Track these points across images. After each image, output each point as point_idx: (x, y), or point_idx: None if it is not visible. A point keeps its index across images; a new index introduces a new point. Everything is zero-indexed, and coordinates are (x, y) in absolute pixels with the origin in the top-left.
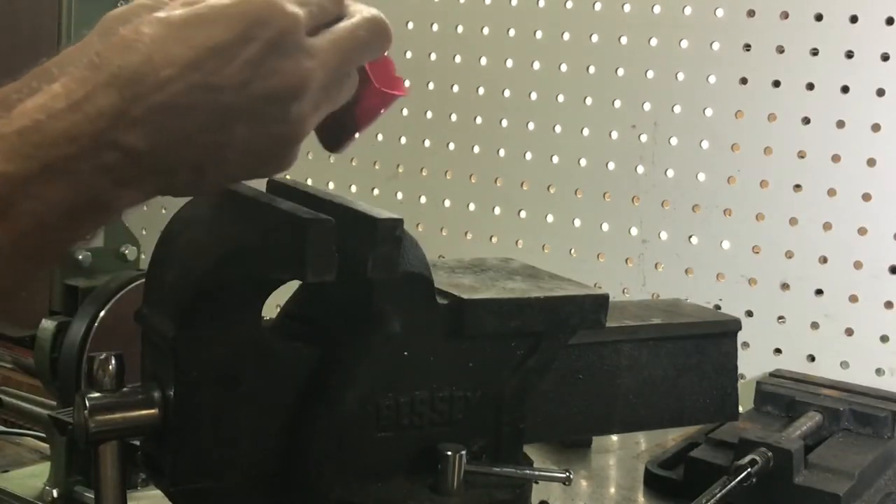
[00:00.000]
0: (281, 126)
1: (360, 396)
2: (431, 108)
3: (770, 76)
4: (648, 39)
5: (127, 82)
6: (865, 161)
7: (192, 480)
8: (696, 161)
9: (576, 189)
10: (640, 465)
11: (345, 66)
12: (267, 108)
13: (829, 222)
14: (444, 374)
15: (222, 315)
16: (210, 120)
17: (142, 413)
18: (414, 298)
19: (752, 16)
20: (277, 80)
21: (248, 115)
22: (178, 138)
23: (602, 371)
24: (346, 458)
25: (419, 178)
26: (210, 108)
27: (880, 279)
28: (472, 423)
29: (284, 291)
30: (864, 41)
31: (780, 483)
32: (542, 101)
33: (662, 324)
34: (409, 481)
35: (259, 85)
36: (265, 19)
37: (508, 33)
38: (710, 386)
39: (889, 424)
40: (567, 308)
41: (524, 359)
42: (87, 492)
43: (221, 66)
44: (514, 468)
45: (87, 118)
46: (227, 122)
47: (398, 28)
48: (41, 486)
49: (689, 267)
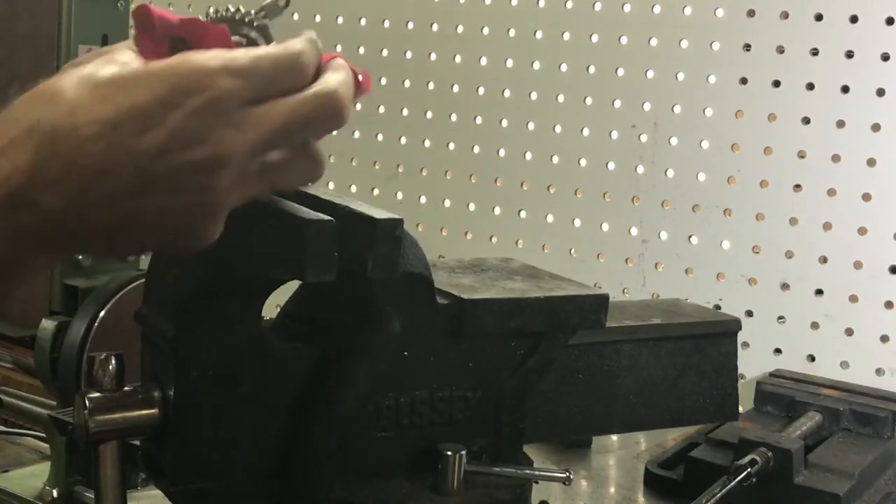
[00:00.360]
0: (200, 197)
1: (360, 396)
2: (431, 108)
3: (770, 76)
4: (648, 39)
5: (45, 137)
6: (865, 161)
7: (192, 480)
8: (696, 161)
9: (576, 189)
10: (640, 465)
11: (281, 143)
12: (187, 177)
13: (829, 222)
14: (444, 374)
15: (222, 315)
16: (127, 184)
17: (142, 413)
18: (414, 298)
19: (752, 16)
20: (199, 150)
21: (166, 183)
22: (94, 201)
23: (602, 371)
24: (346, 458)
25: (419, 178)
26: (128, 172)
27: (880, 279)
28: (472, 423)
29: (284, 291)
30: (864, 41)
31: (780, 483)
32: (542, 101)
33: (662, 324)
34: (409, 481)
35: (179, 154)
36: (194, 86)
37: (508, 33)
38: (710, 386)
39: (889, 424)
40: (567, 308)
41: (524, 359)
42: (87, 492)
43: (142, 130)
44: (514, 468)
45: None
46: (144, 188)
47: (398, 28)
48: (41, 486)
49: (689, 267)
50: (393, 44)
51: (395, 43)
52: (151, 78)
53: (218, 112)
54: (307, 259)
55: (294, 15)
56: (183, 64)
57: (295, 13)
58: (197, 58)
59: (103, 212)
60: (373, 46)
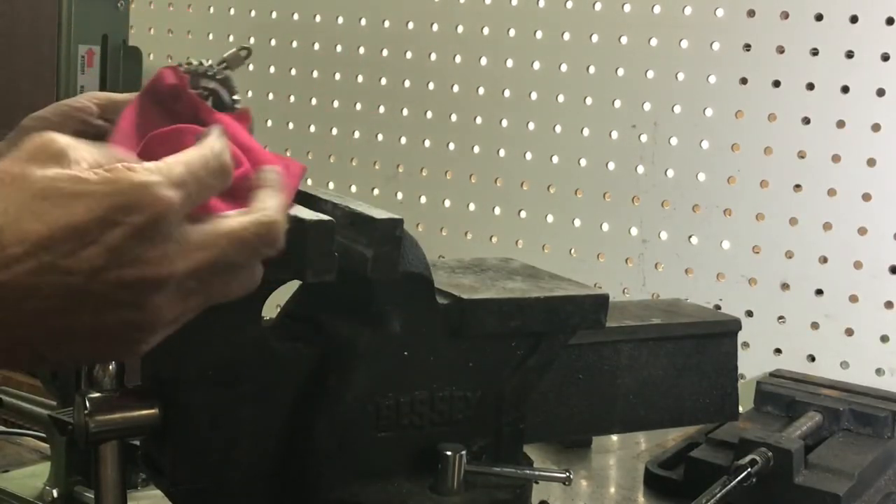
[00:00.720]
0: (135, 314)
1: (360, 396)
2: (431, 108)
3: (770, 76)
4: (648, 39)
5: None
6: (865, 161)
7: (192, 480)
8: (696, 161)
9: (576, 189)
10: (640, 465)
11: (220, 266)
12: (121, 295)
13: (829, 222)
14: (444, 374)
15: (222, 315)
16: (56, 304)
17: (142, 413)
18: (414, 298)
19: (752, 16)
20: (137, 270)
21: (99, 301)
22: (19, 319)
23: (602, 371)
24: (346, 458)
25: (419, 178)
26: (58, 292)
27: (880, 279)
28: (472, 423)
29: (284, 291)
30: (864, 41)
31: (780, 483)
32: (542, 101)
33: (662, 324)
34: (409, 481)
35: (115, 272)
36: (133, 204)
37: (508, 33)
38: (710, 386)
39: (889, 424)
40: (567, 308)
41: (524, 359)
42: (87, 492)
43: (77, 248)
44: (514, 468)
45: None
46: (74, 307)
47: (398, 28)
48: (41, 486)
49: (689, 267)
50: (393, 44)
51: (395, 43)
52: (88, 194)
53: (159, 230)
54: (307, 259)
55: (294, 15)
56: (123, 179)
57: (295, 13)
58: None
59: (30, 330)
60: (373, 46)
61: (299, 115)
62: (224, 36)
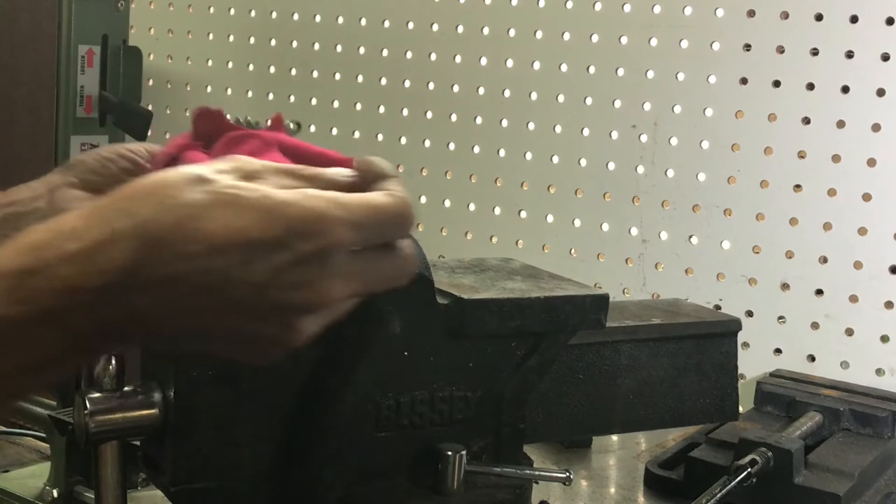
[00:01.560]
0: (279, 331)
1: (360, 396)
2: (431, 108)
3: (770, 76)
4: (648, 39)
5: (150, 241)
6: (865, 161)
7: (192, 480)
8: (696, 161)
9: (576, 189)
10: (640, 465)
11: (362, 295)
12: (272, 313)
13: (829, 222)
14: (444, 374)
15: None
16: (216, 306)
17: (142, 413)
18: (414, 298)
19: (752, 16)
20: (295, 294)
21: (250, 314)
22: (182, 311)
23: (602, 371)
24: (346, 458)
25: (419, 178)
26: (220, 296)
27: (880, 279)
28: (472, 423)
29: None
30: (864, 41)
31: (780, 483)
32: (542, 101)
33: (662, 324)
34: (409, 481)
35: (274, 292)
36: (310, 232)
37: (508, 33)
38: (710, 386)
39: (889, 424)
40: (567, 308)
41: (524, 359)
42: (87, 492)
43: (247, 262)
44: (514, 468)
45: (97, 269)
46: (226, 312)
47: (398, 28)
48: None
49: (689, 267)
50: (393, 44)
51: (395, 43)
52: (269, 213)
53: (325, 261)
54: None
55: (294, 15)
56: (309, 206)
57: (295, 13)
58: (317, 202)
59: (187, 322)
60: (373, 46)
61: (299, 116)
62: (224, 36)
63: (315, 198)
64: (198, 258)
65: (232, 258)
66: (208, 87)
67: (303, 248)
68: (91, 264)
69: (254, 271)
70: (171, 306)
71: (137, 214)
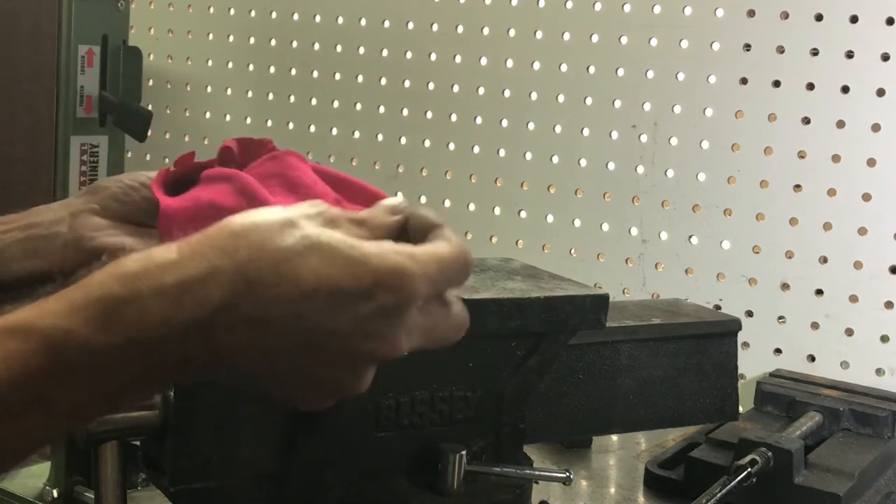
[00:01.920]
0: (348, 378)
1: (359, 396)
2: (431, 108)
3: (770, 76)
4: (648, 39)
5: (247, 281)
6: (865, 161)
7: (192, 481)
8: (696, 161)
9: (576, 189)
10: (640, 465)
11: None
12: (346, 362)
13: (829, 222)
14: (444, 374)
15: None
16: (298, 350)
17: (142, 413)
18: None
19: (752, 16)
20: (369, 344)
21: (329, 361)
22: (260, 353)
23: (602, 371)
24: (346, 458)
25: (419, 178)
26: (304, 342)
27: (880, 279)
28: (472, 423)
29: None
30: (864, 41)
31: (780, 483)
32: (542, 101)
33: (662, 324)
34: (409, 481)
35: (352, 342)
36: (392, 286)
37: (508, 33)
38: (710, 386)
39: (889, 424)
40: (567, 308)
41: (524, 359)
42: (87, 492)
43: (334, 310)
44: (514, 468)
45: (191, 304)
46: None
47: (398, 28)
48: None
49: (689, 267)
50: (393, 44)
51: (395, 43)
52: (359, 263)
53: (402, 314)
54: None
55: (294, 15)
56: (391, 260)
57: (295, 13)
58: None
59: (265, 362)
60: (373, 46)
61: (299, 115)
62: (224, 36)
63: (396, 252)
64: (290, 302)
65: (321, 305)
66: (208, 87)
67: (385, 301)
68: (186, 298)
69: (338, 320)
70: (256, 346)
71: (237, 253)
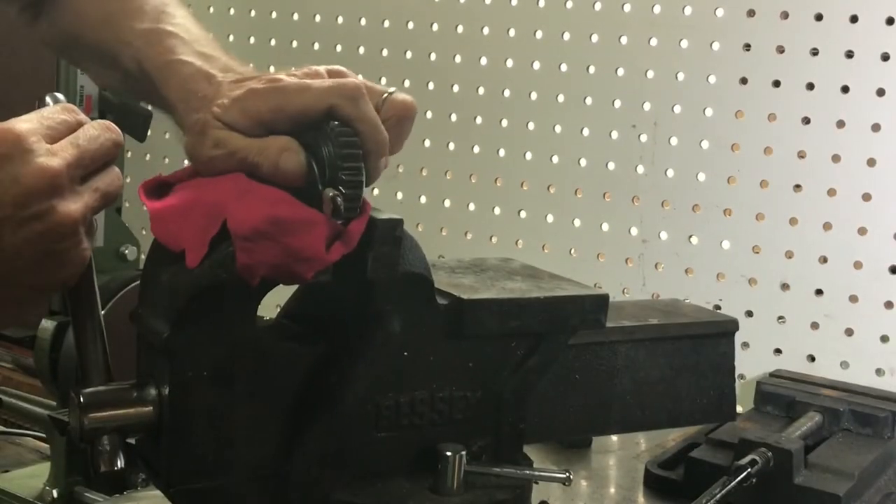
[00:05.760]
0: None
1: (360, 396)
2: (431, 108)
3: (770, 76)
4: (648, 39)
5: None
6: (865, 161)
7: (188, 481)
8: (696, 161)
9: (576, 189)
10: (640, 465)
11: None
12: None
13: (829, 222)
14: (444, 374)
15: (217, 315)
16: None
17: (136, 410)
18: (414, 298)
19: (752, 16)
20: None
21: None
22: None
23: (600, 371)
24: (346, 458)
25: (419, 178)
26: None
27: (880, 279)
28: (472, 423)
29: (285, 291)
30: (864, 41)
31: (780, 483)
32: (542, 101)
33: (660, 324)
34: (409, 481)
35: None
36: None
37: (508, 33)
38: (708, 386)
39: (889, 424)
40: (567, 308)
41: (524, 359)
42: (87, 492)
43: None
44: (514, 468)
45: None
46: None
47: (398, 28)
48: (41, 486)
49: (689, 267)
50: (393, 44)
51: (395, 43)
52: None
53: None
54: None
55: (294, 15)
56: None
57: (295, 13)
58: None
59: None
60: (373, 46)
61: None
62: (224, 36)
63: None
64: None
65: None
66: None
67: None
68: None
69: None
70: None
71: None
